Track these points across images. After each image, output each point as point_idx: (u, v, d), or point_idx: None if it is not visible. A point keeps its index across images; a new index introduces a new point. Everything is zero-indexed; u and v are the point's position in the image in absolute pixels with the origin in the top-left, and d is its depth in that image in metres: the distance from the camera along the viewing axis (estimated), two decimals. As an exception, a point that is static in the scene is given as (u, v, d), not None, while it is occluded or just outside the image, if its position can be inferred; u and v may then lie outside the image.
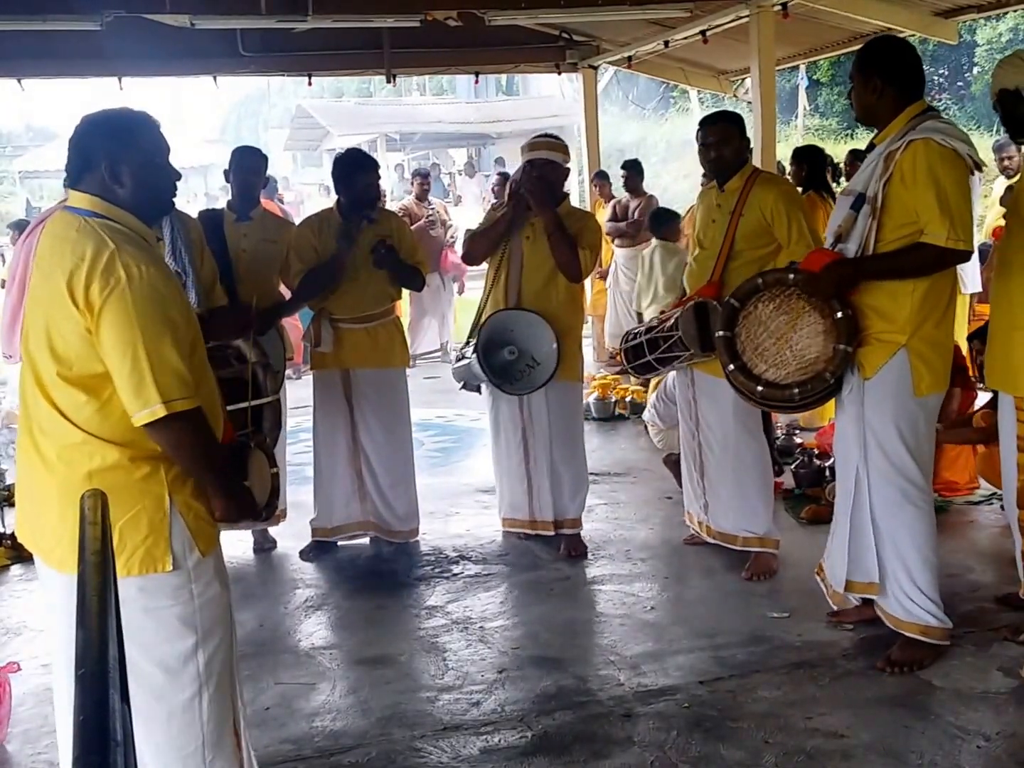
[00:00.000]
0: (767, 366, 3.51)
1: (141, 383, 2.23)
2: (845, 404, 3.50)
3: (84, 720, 1.07)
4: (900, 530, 3.44)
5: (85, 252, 2.24)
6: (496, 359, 4.56)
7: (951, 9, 7.26)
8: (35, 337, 2.33)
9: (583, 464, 4.89)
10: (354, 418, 4.80)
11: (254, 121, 41.72)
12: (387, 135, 22.60)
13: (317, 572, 4.72)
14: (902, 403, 3.37)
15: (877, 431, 3.41)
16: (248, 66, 8.70)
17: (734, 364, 3.58)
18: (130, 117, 2.44)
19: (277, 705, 3.44)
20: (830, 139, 19.40)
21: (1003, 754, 2.93)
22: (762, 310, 3.52)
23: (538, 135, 4.79)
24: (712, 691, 3.39)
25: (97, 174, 2.36)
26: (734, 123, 4.32)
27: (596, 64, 9.82)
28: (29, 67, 8.21)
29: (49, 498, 2.34)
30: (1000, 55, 16.82)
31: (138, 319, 2.22)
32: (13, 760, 3.18)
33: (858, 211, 3.38)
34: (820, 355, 3.41)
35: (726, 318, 3.58)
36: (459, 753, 3.09)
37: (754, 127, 7.09)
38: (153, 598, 2.35)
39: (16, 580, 4.67)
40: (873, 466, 3.43)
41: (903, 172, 3.25)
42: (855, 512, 3.52)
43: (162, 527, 2.34)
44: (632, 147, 21.03)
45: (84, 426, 2.29)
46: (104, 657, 1.16)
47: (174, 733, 2.40)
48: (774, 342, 3.50)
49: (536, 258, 4.58)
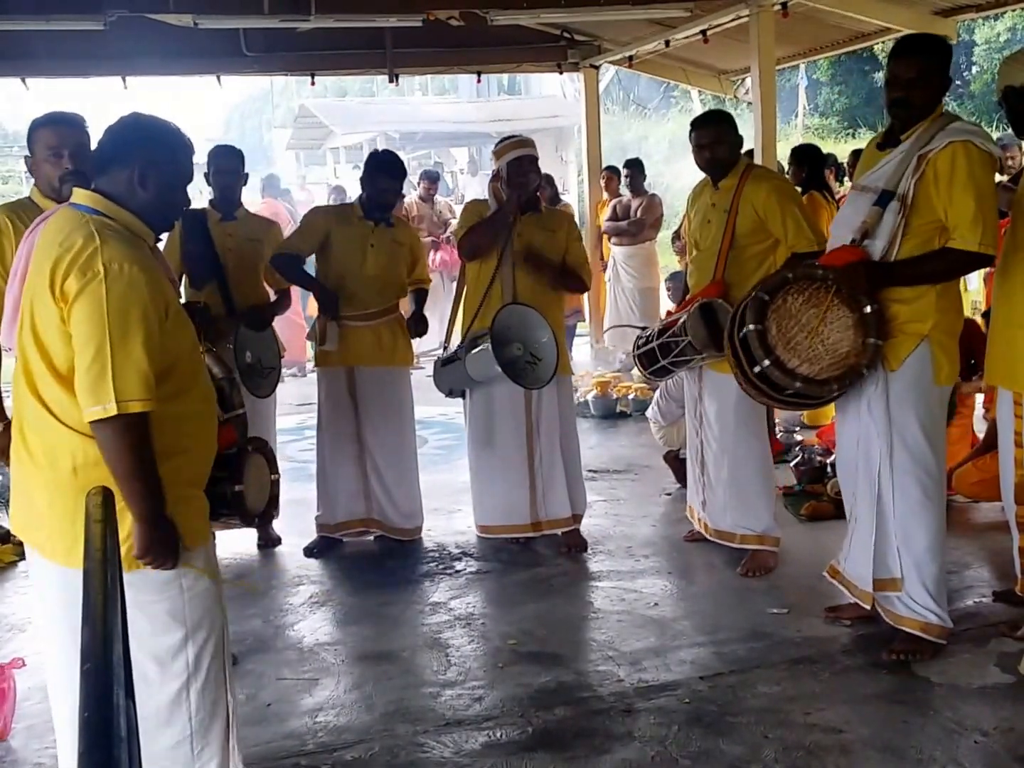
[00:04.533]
0: (800, 360, 3.40)
1: (99, 378, 2.21)
2: (869, 401, 3.48)
3: (88, 716, 1.07)
4: (915, 526, 3.46)
5: (73, 244, 2.26)
6: (505, 355, 4.51)
7: (950, 8, 7.30)
8: (26, 328, 2.35)
9: (578, 458, 4.94)
10: (358, 415, 4.82)
11: (257, 120, 41.67)
12: (389, 134, 22.60)
13: (321, 568, 4.75)
14: (923, 393, 3.42)
15: (900, 424, 3.43)
16: (251, 66, 8.72)
17: (769, 359, 3.39)
18: (177, 134, 2.48)
19: (280, 701, 3.47)
20: (830, 138, 19.40)
21: (1000, 749, 2.95)
22: (792, 303, 3.43)
23: (509, 136, 4.83)
24: (712, 686, 3.41)
25: (124, 172, 2.38)
26: (726, 122, 4.34)
27: (597, 64, 9.83)
28: (33, 66, 8.23)
29: (37, 492, 2.36)
30: (998, 54, 16.85)
31: (109, 315, 2.21)
32: (19, 755, 3.20)
33: (884, 207, 3.37)
34: (852, 349, 3.37)
35: (756, 311, 3.44)
36: (461, 748, 3.11)
37: (754, 127, 7.12)
38: (142, 592, 2.35)
39: (22, 576, 4.69)
40: (897, 463, 3.44)
41: (938, 172, 3.27)
42: (880, 510, 3.51)
43: None
44: (633, 146, 21.01)
45: (68, 421, 2.30)
46: (109, 654, 1.16)
47: (163, 725, 2.42)
48: (806, 336, 3.41)
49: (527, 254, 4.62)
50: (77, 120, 3.49)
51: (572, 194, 17.16)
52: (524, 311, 4.53)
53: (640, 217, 9.19)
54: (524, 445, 4.74)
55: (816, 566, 4.30)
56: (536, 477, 4.76)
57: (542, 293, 4.64)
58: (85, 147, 3.43)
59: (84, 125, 3.49)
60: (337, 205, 5.14)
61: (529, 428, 4.74)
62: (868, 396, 3.48)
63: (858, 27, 7.90)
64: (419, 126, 22.80)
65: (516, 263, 4.61)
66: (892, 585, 3.53)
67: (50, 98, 8.22)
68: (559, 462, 4.75)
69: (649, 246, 9.39)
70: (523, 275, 4.62)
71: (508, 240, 4.61)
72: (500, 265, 4.63)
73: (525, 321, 4.52)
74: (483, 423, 4.82)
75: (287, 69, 9.35)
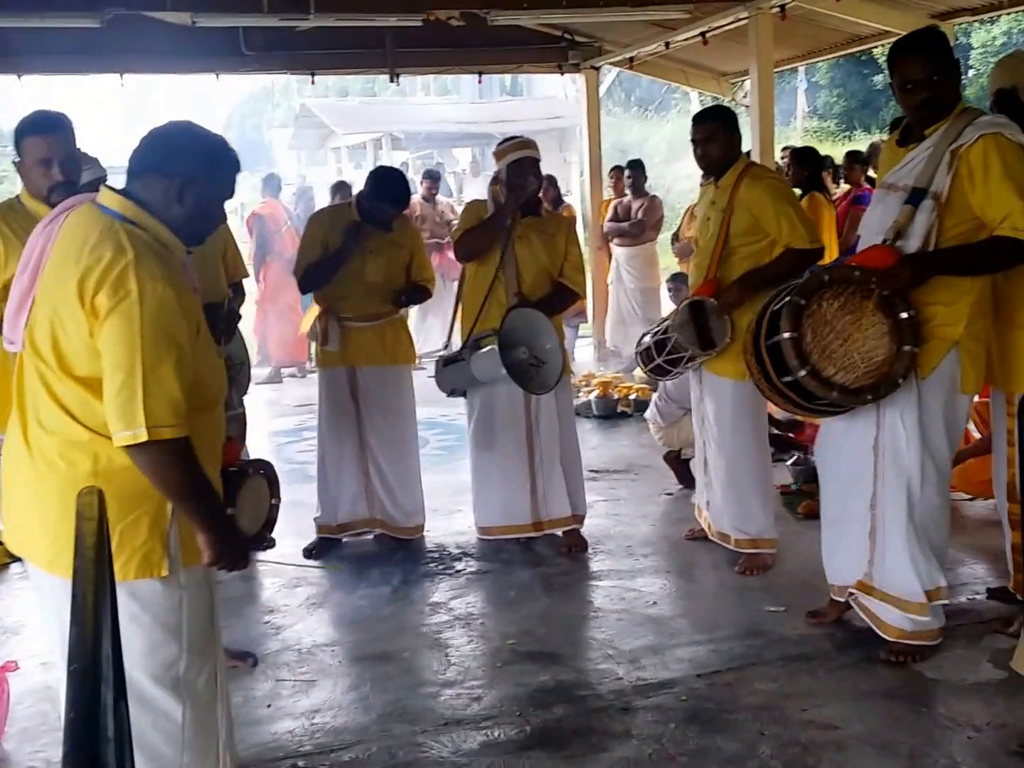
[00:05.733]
0: (835, 369, 3.26)
1: (128, 403, 2.16)
2: (902, 410, 3.35)
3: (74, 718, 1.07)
4: (935, 533, 3.44)
5: (103, 255, 2.17)
6: (511, 358, 4.48)
7: (946, 12, 7.31)
8: (41, 330, 2.26)
9: (579, 459, 4.94)
10: (360, 415, 4.83)
11: (258, 120, 41.73)
12: (391, 134, 22.62)
13: (320, 569, 4.75)
14: (949, 401, 3.36)
15: (931, 438, 3.36)
16: (251, 64, 8.73)
17: (804, 369, 3.22)
18: (224, 149, 2.41)
19: (278, 702, 3.47)
20: (828, 141, 19.44)
21: (993, 745, 2.96)
22: (827, 308, 3.27)
23: (510, 137, 4.81)
24: (709, 684, 3.43)
25: (163, 182, 2.30)
26: (720, 120, 4.32)
27: (598, 65, 9.86)
28: (29, 63, 8.20)
29: (47, 497, 2.28)
30: (994, 58, 16.85)
31: (141, 338, 2.15)
32: (11, 758, 3.18)
33: (916, 205, 3.27)
34: (886, 357, 3.26)
35: (792, 317, 3.25)
36: (459, 748, 3.12)
37: (752, 129, 7.13)
38: (141, 605, 2.32)
39: (15, 579, 4.68)
40: (927, 477, 3.38)
41: (971, 166, 3.17)
42: (912, 523, 3.41)
43: (161, 532, 2.31)
44: (634, 147, 21.04)
45: (91, 424, 2.24)
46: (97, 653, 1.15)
47: (159, 741, 2.38)
48: (841, 343, 3.27)
49: (529, 256, 4.61)
50: (64, 124, 3.40)
51: (575, 195, 17.17)
52: (532, 314, 4.51)
53: (641, 218, 9.21)
54: (524, 445, 4.75)
55: (813, 565, 4.30)
56: (536, 477, 4.76)
57: (542, 295, 4.65)
58: (73, 155, 3.39)
59: (71, 128, 3.42)
60: (335, 208, 5.06)
61: (529, 428, 4.74)
62: (901, 406, 3.36)
63: (856, 30, 7.92)
64: (421, 127, 22.82)
65: (518, 264, 4.61)
66: (940, 594, 3.44)
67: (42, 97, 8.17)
68: (559, 462, 4.76)
69: (650, 247, 9.42)
70: (526, 277, 4.62)
71: (508, 242, 4.61)
72: (503, 266, 4.61)
73: (532, 325, 4.50)
74: (484, 424, 4.82)
75: (287, 68, 9.37)
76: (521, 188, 4.55)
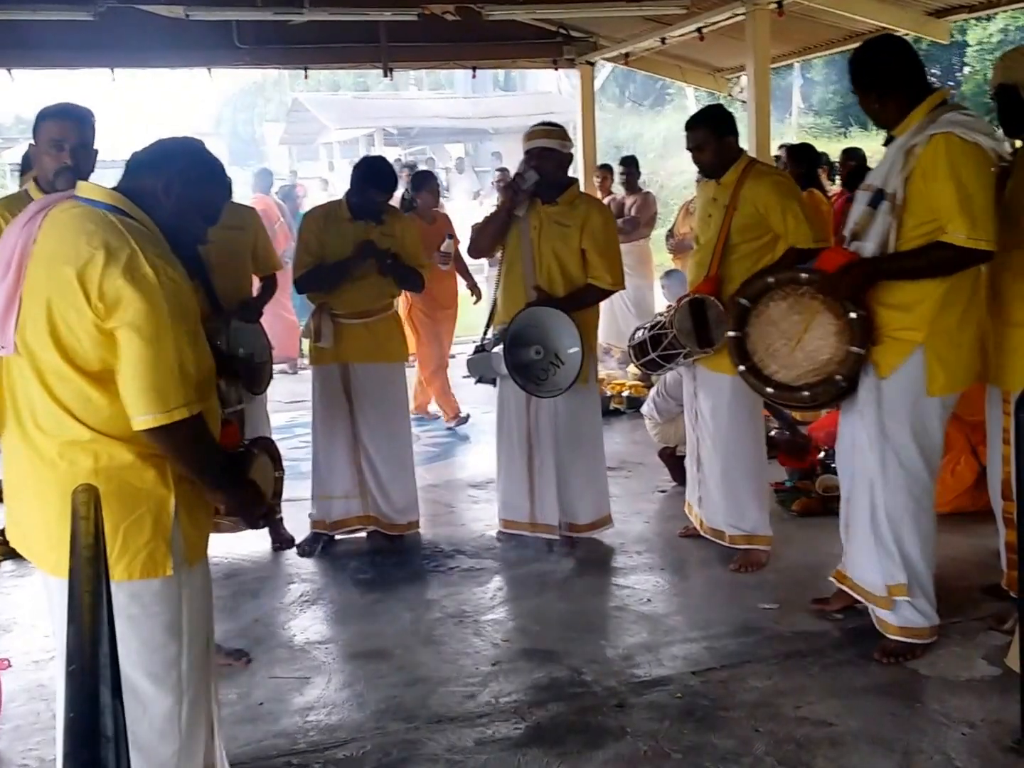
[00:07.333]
0: (778, 367, 3.42)
1: (149, 387, 2.17)
2: (862, 408, 3.40)
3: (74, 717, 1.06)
4: (907, 534, 3.42)
5: (103, 245, 2.16)
6: (520, 357, 4.43)
7: (943, 9, 7.31)
8: (34, 328, 2.23)
9: (596, 468, 4.81)
10: (353, 412, 4.82)
11: (249, 114, 41.58)
12: (384, 129, 22.61)
13: (314, 566, 4.74)
14: (915, 403, 3.32)
15: (892, 436, 3.35)
16: (243, 59, 8.66)
17: (744, 365, 3.53)
18: (218, 169, 2.48)
19: (271, 699, 3.46)
20: (824, 137, 19.46)
21: (987, 740, 2.97)
22: (774, 309, 3.42)
23: (536, 124, 4.70)
24: (704, 681, 3.43)
25: (154, 180, 2.34)
26: (711, 126, 4.26)
27: (593, 60, 9.83)
28: (19, 57, 8.10)
29: (47, 497, 2.25)
30: (990, 55, 16.90)
31: (161, 322, 2.17)
32: (4, 756, 3.18)
33: (875, 207, 3.28)
34: (833, 356, 3.33)
35: (737, 317, 3.47)
36: (454, 745, 3.11)
37: (749, 125, 7.12)
38: (142, 605, 2.31)
39: (7, 576, 4.67)
40: (889, 476, 3.37)
41: (924, 167, 3.15)
42: (874, 520, 3.45)
43: (165, 531, 2.29)
44: (628, 143, 21.06)
45: (92, 423, 2.22)
46: (95, 653, 1.14)
47: (155, 739, 2.38)
48: (785, 343, 3.40)
49: (545, 248, 4.51)
50: (85, 115, 3.42)
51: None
52: (547, 314, 4.40)
53: (635, 215, 9.19)
54: (525, 446, 4.73)
55: (807, 562, 4.33)
56: (534, 478, 4.73)
57: (563, 292, 4.52)
58: (88, 145, 3.39)
59: (91, 120, 3.42)
60: (326, 205, 5.02)
61: (529, 429, 4.71)
62: (862, 404, 3.40)
63: (853, 27, 7.90)
64: (414, 121, 22.84)
65: (535, 256, 4.52)
66: (901, 591, 3.46)
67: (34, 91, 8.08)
68: (551, 470, 4.68)
69: (643, 244, 9.38)
70: (542, 269, 4.52)
71: (524, 232, 4.55)
72: (521, 258, 4.56)
73: (546, 324, 4.41)
74: (499, 417, 4.83)
75: (280, 62, 9.29)
76: (518, 177, 4.52)
